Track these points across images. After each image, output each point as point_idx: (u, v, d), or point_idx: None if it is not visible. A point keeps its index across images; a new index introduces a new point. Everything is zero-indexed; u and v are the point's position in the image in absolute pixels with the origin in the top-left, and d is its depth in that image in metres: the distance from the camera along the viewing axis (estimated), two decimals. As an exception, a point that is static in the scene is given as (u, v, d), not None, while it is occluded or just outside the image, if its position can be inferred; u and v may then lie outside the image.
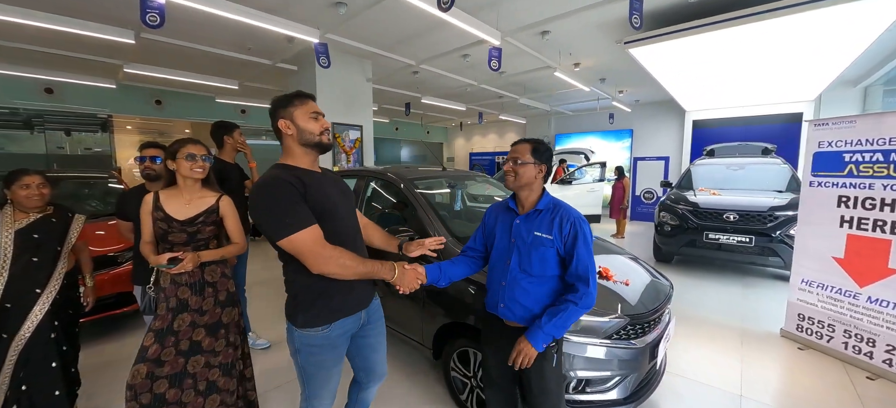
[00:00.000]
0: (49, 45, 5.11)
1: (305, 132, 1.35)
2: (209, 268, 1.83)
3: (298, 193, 1.28)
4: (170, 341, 1.74)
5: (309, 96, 1.42)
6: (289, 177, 1.30)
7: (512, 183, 1.51)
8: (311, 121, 1.37)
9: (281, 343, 3.16)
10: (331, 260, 1.28)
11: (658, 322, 2.04)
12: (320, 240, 1.28)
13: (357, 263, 1.33)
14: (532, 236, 1.46)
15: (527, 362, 1.38)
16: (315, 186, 1.35)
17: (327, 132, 1.41)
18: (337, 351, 1.44)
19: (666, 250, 5.36)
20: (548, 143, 1.54)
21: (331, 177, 1.52)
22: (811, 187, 3.04)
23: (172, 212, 1.73)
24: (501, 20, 4.30)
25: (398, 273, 1.42)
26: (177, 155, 1.71)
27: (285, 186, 1.27)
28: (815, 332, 3.04)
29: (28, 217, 1.90)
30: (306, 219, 1.26)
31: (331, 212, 1.37)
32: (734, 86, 7.01)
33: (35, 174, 1.90)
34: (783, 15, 3.47)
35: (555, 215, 1.46)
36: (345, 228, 1.44)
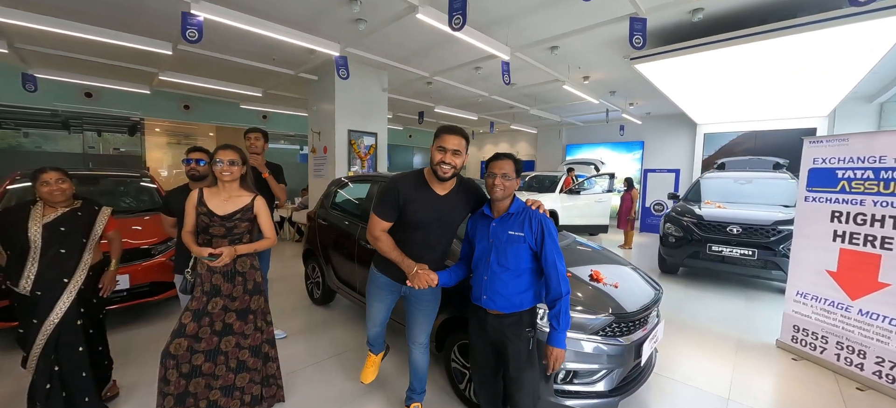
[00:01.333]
0: (94, 54, 5.57)
1: (432, 158, 1.81)
2: (241, 259, 2.08)
3: (395, 198, 1.81)
4: (205, 321, 2.00)
5: (448, 131, 1.76)
6: (402, 185, 1.83)
7: (501, 194, 1.71)
8: (436, 151, 1.77)
9: (297, 334, 3.40)
10: (376, 241, 1.88)
11: (645, 323, 2.20)
12: (380, 227, 1.86)
13: (391, 250, 1.85)
14: (507, 235, 1.70)
15: (562, 360, 1.65)
16: (414, 202, 1.82)
17: (445, 165, 1.75)
18: (380, 292, 2.04)
19: (670, 262, 5.45)
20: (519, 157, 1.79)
21: (446, 201, 1.88)
22: (806, 202, 3.15)
23: (214, 207, 1.99)
24: (512, 37, 4.53)
25: (414, 273, 1.80)
26: (213, 160, 1.99)
27: (392, 188, 1.83)
28: (809, 343, 3.12)
29: (56, 211, 2.03)
30: (387, 214, 1.84)
31: (416, 225, 1.86)
32: (745, 100, 7.06)
33: (52, 171, 2.02)
34: (786, 35, 3.58)
35: (524, 216, 1.71)
36: (421, 237, 1.88)
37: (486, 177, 1.77)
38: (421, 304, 2.03)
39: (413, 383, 2.22)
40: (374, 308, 2.11)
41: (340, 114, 5.94)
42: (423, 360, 2.16)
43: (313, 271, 4.06)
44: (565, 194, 8.26)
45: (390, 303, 2.09)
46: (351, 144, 6.12)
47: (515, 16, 4.12)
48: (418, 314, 2.06)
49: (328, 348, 3.15)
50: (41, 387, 1.92)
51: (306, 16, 4.21)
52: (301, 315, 3.84)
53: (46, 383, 1.93)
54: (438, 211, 1.87)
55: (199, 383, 1.96)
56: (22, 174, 3.89)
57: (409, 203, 1.82)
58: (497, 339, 1.74)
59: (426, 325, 2.08)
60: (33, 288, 1.93)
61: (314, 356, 3.00)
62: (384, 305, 2.08)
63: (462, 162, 1.80)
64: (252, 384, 2.11)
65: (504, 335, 1.70)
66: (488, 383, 1.88)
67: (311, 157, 6.67)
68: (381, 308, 2.10)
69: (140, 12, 4.22)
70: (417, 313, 2.05)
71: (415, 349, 2.13)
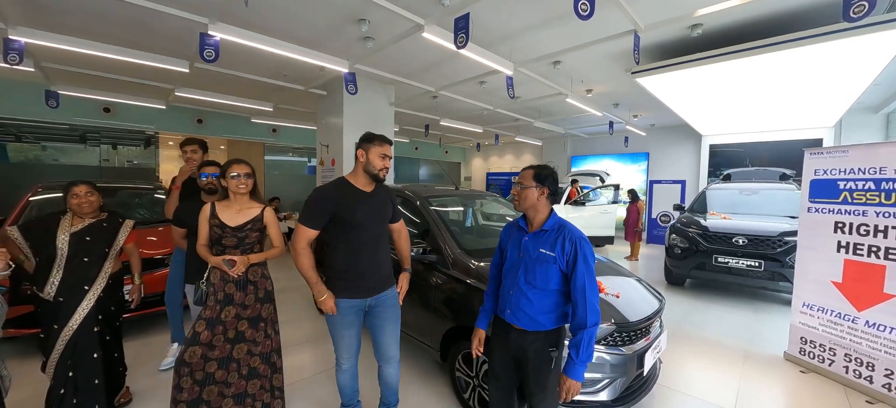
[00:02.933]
0: (114, 72, 5.80)
1: (371, 164, 1.91)
2: (252, 269, 2.16)
3: (324, 205, 1.87)
4: (219, 329, 2.07)
5: (387, 142, 1.96)
6: (328, 191, 1.91)
7: (518, 205, 1.74)
8: (378, 158, 1.91)
9: (302, 343, 3.46)
10: (297, 256, 1.90)
11: (647, 332, 2.22)
12: (306, 238, 1.89)
13: (306, 270, 1.91)
14: (538, 253, 1.63)
15: (575, 392, 1.56)
16: (348, 203, 1.89)
17: (386, 171, 1.95)
18: (344, 318, 1.97)
19: (677, 273, 5.43)
20: (553, 168, 1.74)
21: (376, 198, 1.99)
22: (809, 213, 3.16)
23: (226, 219, 2.08)
24: (514, 52, 4.65)
25: (324, 300, 1.92)
26: (226, 174, 2.08)
27: (319, 196, 1.90)
28: (816, 355, 3.10)
29: (83, 222, 2.15)
30: (316, 221, 1.88)
31: (353, 224, 1.91)
32: (750, 112, 7.08)
33: (82, 184, 2.14)
34: (784, 49, 3.64)
35: (559, 235, 1.61)
36: (366, 238, 1.96)
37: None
38: (386, 310, 2.05)
39: (387, 397, 2.19)
40: (343, 338, 1.99)
41: (348, 127, 6.08)
42: (395, 374, 2.14)
43: (321, 282, 4.13)
44: (570, 206, 8.29)
45: (358, 325, 2.03)
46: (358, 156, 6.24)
47: (517, 33, 4.24)
48: (384, 324, 2.05)
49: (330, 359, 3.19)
50: (57, 392, 2.00)
51: (317, 35, 4.37)
52: (306, 325, 3.91)
53: (61, 387, 2.01)
54: (372, 206, 1.96)
55: (213, 390, 2.03)
56: (44, 187, 4.05)
57: (343, 204, 1.88)
58: (518, 355, 1.69)
59: (395, 333, 2.09)
60: (57, 294, 2.03)
61: (315, 367, 3.05)
62: (353, 329, 2.00)
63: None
64: (263, 392, 2.16)
65: (526, 352, 1.65)
66: (504, 395, 1.82)
67: (319, 168, 6.81)
68: (351, 335, 2.00)
69: (159, 32, 4.42)
70: (384, 323, 2.05)
71: (387, 367, 2.11)
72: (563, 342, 1.67)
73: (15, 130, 8.17)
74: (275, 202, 8.54)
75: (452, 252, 2.57)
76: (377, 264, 2.02)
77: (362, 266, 1.96)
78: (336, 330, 2.00)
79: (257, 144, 9.96)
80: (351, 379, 2.12)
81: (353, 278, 1.94)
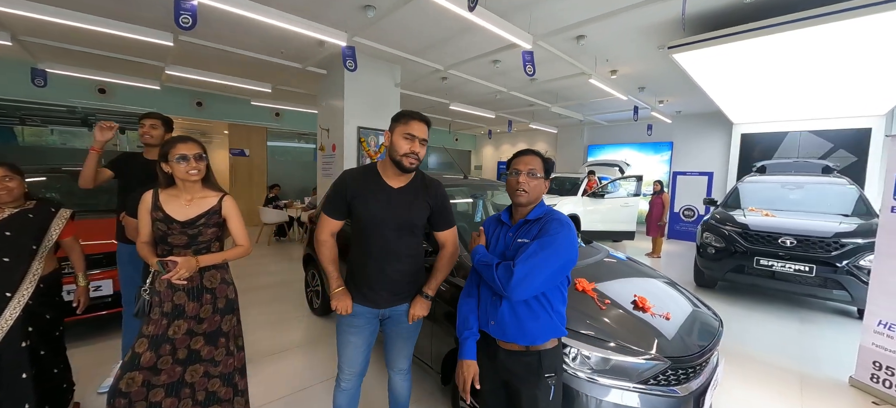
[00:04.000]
0: (100, 48, 5.43)
1: (394, 147, 1.54)
2: (209, 273, 1.74)
3: (343, 192, 1.60)
4: (165, 348, 1.66)
5: (416, 117, 1.54)
6: (349, 177, 1.62)
7: (525, 199, 1.40)
8: (403, 140, 1.52)
9: (293, 349, 3.07)
10: (320, 246, 1.67)
11: (704, 366, 1.75)
12: (329, 229, 1.66)
13: (326, 262, 1.66)
14: (516, 244, 1.38)
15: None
16: (363, 195, 1.58)
17: (412, 156, 1.53)
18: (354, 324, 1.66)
19: (709, 275, 4.89)
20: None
21: (403, 196, 1.61)
22: (893, 213, 2.61)
23: (173, 212, 1.65)
24: (534, 23, 4.10)
25: (338, 293, 1.62)
26: (169, 157, 1.62)
27: (340, 182, 1.63)
28: (895, 384, 2.58)
29: (3, 212, 1.76)
30: (336, 212, 1.63)
31: (362, 223, 1.60)
32: (791, 97, 6.38)
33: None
34: (860, 15, 3.03)
35: (542, 222, 1.38)
36: (375, 242, 1.60)
37: (507, 177, 1.45)
38: (399, 326, 1.74)
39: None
40: (348, 346, 1.67)
41: (350, 110, 5.62)
42: (405, 387, 1.84)
43: (313, 279, 3.73)
44: (588, 198, 7.74)
45: (369, 337, 1.70)
46: (360, 141, 5.80)
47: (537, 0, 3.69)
48: (397, 339, 1.76)
49: (322, 369, 2.79)
50: None
51: (311, 2, 3.89)
52: (299, 327, 3.52)
53: None
54: (392, 205, 1.59)
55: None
56: None
57: (358, 197, 1.58)
58: (509, 379, 1.39)
59: (406, 349, 1.78)
60: None
61: (305, 380, 2.65)
62: (361, 339, 1.67)
63: (424, 153, 1.57)
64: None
65: (516, 376, 1.36)
66: None
67: (319, 155, 6.40)
68: (358, 345, 1.67)
69: (138, 2, 4.00)
70: (396, 337, 1.76)
71: (395, 376, 1.82)
72: (560, 365, 1.41)
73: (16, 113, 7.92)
74: (275, 189, 8.19)
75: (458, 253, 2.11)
76: (389, 277, 1.62)
77: (370, 275, 1.63)
78: (342, 335, 1.69)
79: (260, 129, 9.58)
80: (349, 402, 1.76)
81: (360, 285, 1.65)
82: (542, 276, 1.27)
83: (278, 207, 7.59)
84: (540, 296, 1.35)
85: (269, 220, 7.25)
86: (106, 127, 2.08)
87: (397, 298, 1.68)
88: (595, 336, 1.64)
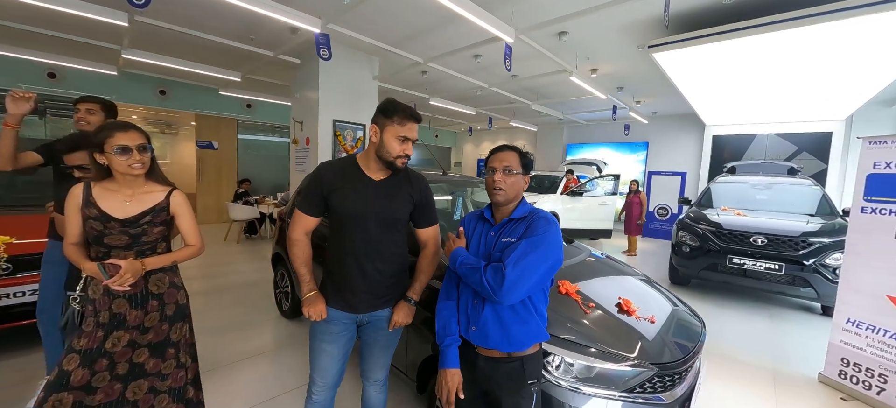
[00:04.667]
0: (47, 27, 4.96)
1: (386, 148, 1.43)
2: (156, 276, 1.54)
3: (318, 186, 1.48)
4: (101, 363, 1.45)
5: (411, 119, 1.44)
6: (326, 170, 1.51)
7: (502, 198, 1.32)
8: (396, 142, 1.43)
9: (260, 354, 2.87)
10: (292, 246, 1.54)
11: (689, 371, 1.69)
12: (303, 227, 1.53)
13: (299, 263, 1.53)
14: (501, 244, 1.31)
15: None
16: (341, 189, 1.47)
17: (405, 158, 1.47)
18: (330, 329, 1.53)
19: (683, 273, 4.97)
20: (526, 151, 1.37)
21: (385, 188, 1.51)
22: (863, 213, 2.66)
23: (110, 209, 1.44)
24: (516, 16, 4.00)
25: (310, 297, 1.50)
26: (104, 147, 1.39)
27: (315, 175, 1.51)
28: (862, 380, 2.65)
29: None
30: (311, 208, 1.51)
31: (342, 217, 1.49)
32: (761, 100, 6.60)
33: None
34: (832, 19, 3.10)
35: (526, 220, 1.32)
36: (356, 237, 1.48)
37: (485, 175, 1.37)
38: (378, 333, 1.61)
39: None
40: (321, 355, 1.53)
41: (325, 102, 5.38)
42: (380, 400, 1.70)
43: (282, 280, 3.52)
44: (567, 196, 7.78)
45: (345, 345, 1.57)
46: (336, 135, 5.57)
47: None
48: (374, 347, 1.63)
49: (291, 377, 2.61)
50: None
51: (281, -16, 3.65)
52: (267, 330, 3.30)
53: None
54: (374, 198, 1.48)
55: (93, 451, 1.43)
56: None
57: (336, 190, 1.48)
58: (489, 388, 1.31)
59: (384, 358, 1.65)
60: None
61: (273, 389, 2.46)
62: (337, 347, 1.53)
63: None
64: None
65: (498, 385, 1.29)
66: None
67: (292, 148, 6.11)
68: (333, 353, 1.53)
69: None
70: (373, 344, 1.62)
71: (370, 388, 1.69)
72: (541, 371, 1.36)
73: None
74: (245, 184, 7.80)
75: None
76: (369, 276, 1.50)
77: (349, 274, 1.50)
78: (315, 342, 1.56)
79: (229, 120, 9.11)
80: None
81: (338, 286, 1.52)
82: (534, 277, 1.19)
83: (249, 203, 7.23)
84: (526, 299, 1.27)
85: (238, 216, 6.89)
86: (19, 97, 1.74)
87: (378, 303, 1.56)
88: (580, 342, 1.55)
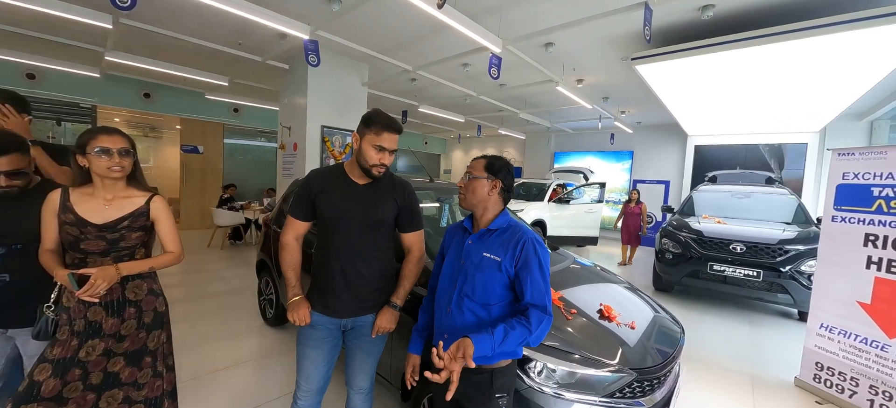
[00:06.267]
0: (28, 27, 4.84)
1: (363, 155, 1.49)
2: (133, 283, 1.51)
3: (307, 191, 1.56)
4: (75, 373, 1.41)
5: (389, 128, 1.47)
6: (314, 176, 1.59)
7: (464, 200, 1.38)
8: (372, 150, 1.47)
9: (243, 363, 2.81)
10: (282, 248, 1.60)
11: (668, 375, 1.73)
12: (294, 232, 1.60)
13: (287, 267, 1.58)
14: (480, 257, 1.33)
15: (460, 366, 1.11)
16: (329, 192, 1.53)
17: (381, 167, 1.50)
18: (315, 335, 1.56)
19: (667, 280, 5.07)
20: (506, 159, 1.41)
21: (369, 192, 1.55)
22: (834, 222, 2.77)
23: (87, 214, 1.41)
24: (503, 27, 4.08)
25: (295, 302, 1.54)
26: (86, 149, 1.38)
27: (304, 181, 1.60)
28: (835, 384, 2.73)
29: None
30: (301, 212, 1.58)
31: (327, 220, 1.54)
32: (740, 112, 6.82)
33: None
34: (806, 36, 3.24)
35: (508, 236, 1.33)
36: (340, 240, 1.52)
37: None
38: (362, 339, 1.62)
39: None
40: (307, 360, 1.55)
41: (313, 107, 5.36)
42: (365, 407, 1.71)
43: (267, 287, 3.47)
44: (554, 203, 7.87)
45: (330, 351, 1.59)
46: (324, 141, 5.55)
47: (508, 4, 3.67)
48: (357, 353, 1.64)
49: (275, 385, 2.57)
50: None
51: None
52: (251, 338, 3.25)
53: None
54: (358, 201, 1.53)
55: (62, 465, 1.38)
56: None
57: (322, 193, 1.54)
58: (458, 398, 1.29)
59: (367, 365, 1.65)
60: None
61: (256, 398, 2.42)
62: (321, 353, 1.56)
63: (392, 160, 1.54)
64: None
65: (466, 396, 1.29)
66: None
67: (280, 154, 6.06)
68: (317, 359, 1.55)
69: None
70: (357, 350, 1.64)
71: (354, 396, 1.69)
72: (513, 384, 1.37)
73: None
74: (231, 190, 7.69)
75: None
76: (352, 280, 1.51)
77: (332, 278, 1.53)
78: (301, 348, 1.59)
79: (216, 125, 8.98)
80: None
81: (322, 290, 1.56)
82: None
83: (234, 209, 7.12)
84: (504, 314, 1.30)
85: (222, 222, 6.77)
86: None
87: (361, 308, 1.58)
88: (561, 348, 1.58)
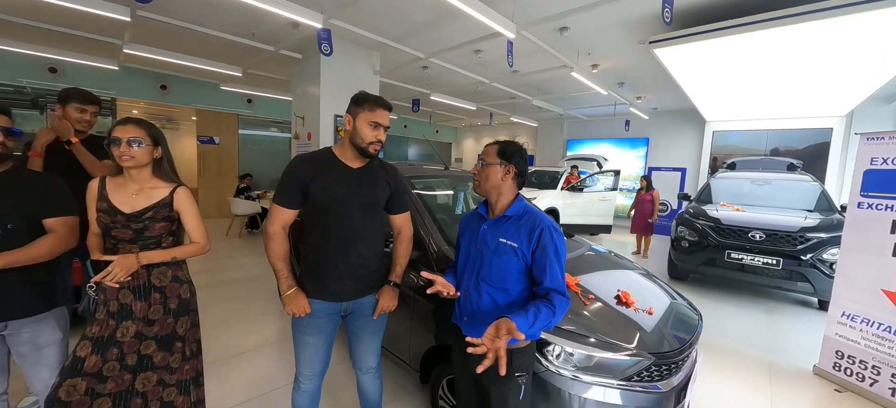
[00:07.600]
0: (49, 22, 4.96)
1: (358, 134, 1.48)
2: (158, 270, 1.57)
3: (295, 178, 1.50)
4: (113, 352, 1.49)
5: (382, 104, 1.50)
6: (301, 162, 1.53)
7: (478, 187, 1.42)
8: (368, 127, 1.47)
9: (262, 347, 2.91)
10: (269, 238, 1.54)
11: (685, 361, 1.73)
12: (280, 221, 1.53)
13: (276, 259, 1.54)
14: (496, 243, 1.37)
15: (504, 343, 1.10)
16: (323, 177, 1.50)
17: (377, 144, 1.51)
18: (313, 322, 1.56)
19: (682, 268, 5.01)
20: (519, 144, 1.42)
21: (363, 176, 1.56)
22: (860, 209, 2.70)
23: (118, 203, 1.47)
24: (517, 12, 4.01)
25: (291, 294, 1.52)
26: (108, 140, 1.45)
27: (291, 168, 1.53)
28: (856, 372, 2.69)
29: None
30: (289, 201, 1.52)
31: (324, 205, 1.51)
32: (761, 96, 6.59)
33: None
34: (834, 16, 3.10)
35: (524, 222, 1.36)
36: (339, 224, 1.52)
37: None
38: (364, 321, 1.65)
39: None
40: (306, 348, 1.57)
41: (326, 97, 5.39)
42: (376, 386, 1.76)
43: (285, 273, 3.55)
44: (567, 191, 7.80)
45: (329, 336, 1.61)
46: (338, 130, 5.59)
47: (523, -13, 3.61)
48: (362, 334, 1.67)
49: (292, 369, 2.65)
50: None
51: (283, -21, 3.65)
52: (270, 323, 3.34)
53: None
54: (356, 184, 1.54)
55: (105, 440, 1.46)
56: None
57: (315, 179, 1.50)
58: (479, 378, 1.37)
59: (373, 345, 1.70)
60: None
61: (275, 381, 2.51)
62: (321, 339, 1.58)
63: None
64: None
65: (485, 375, 1.28)
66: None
67: (294, 143, 6.13)
68: (317, 344, 1.58)
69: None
70: (361, 332, 1.66)
71: (364, 377, 1.74)
72: (532, 364, 1.40)
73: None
74: (247, 179, 7.83)
75: (438, 247, 2.02)
76: (353, 263, 1.54)
77: (332, 262, 1.53)
78: (299, 335, 1.59)
79: (230, 116, 9.11)
80: (309, 402, 1.67)
81: (321, 276, 1.54)
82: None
83: (251, 198, 7.26)
84: (522, 298, 1.35)
85: (239, 211, 6.92)
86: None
87: (361, 290, 1.60)
88: (579, 332, 1.59)
